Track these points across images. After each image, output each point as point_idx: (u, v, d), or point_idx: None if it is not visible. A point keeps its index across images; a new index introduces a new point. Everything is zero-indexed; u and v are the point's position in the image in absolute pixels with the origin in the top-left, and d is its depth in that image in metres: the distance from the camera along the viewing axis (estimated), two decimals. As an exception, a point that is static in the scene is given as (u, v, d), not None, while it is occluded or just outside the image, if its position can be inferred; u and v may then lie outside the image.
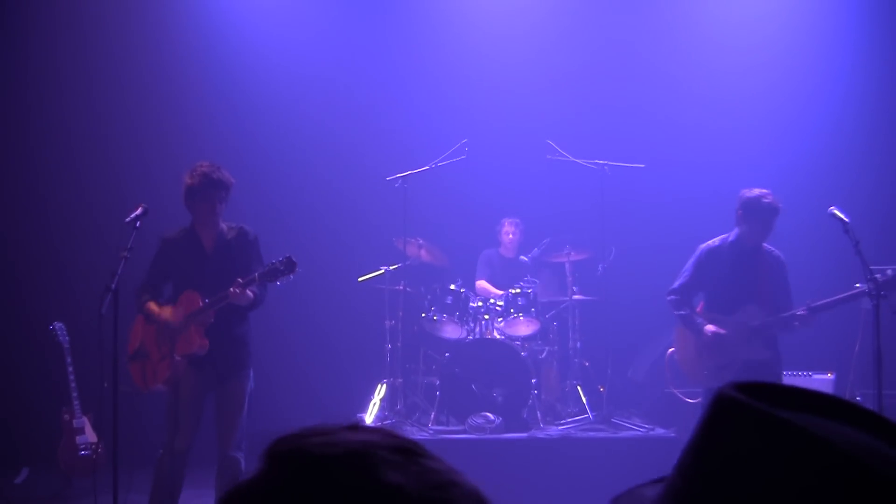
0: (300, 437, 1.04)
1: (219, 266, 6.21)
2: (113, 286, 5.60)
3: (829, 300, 6.48)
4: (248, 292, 6.10)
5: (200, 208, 6.16)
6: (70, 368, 7.96)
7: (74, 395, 8.00)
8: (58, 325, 8.07)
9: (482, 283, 9.63)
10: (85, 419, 8.08)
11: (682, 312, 6.95)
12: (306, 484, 0.98)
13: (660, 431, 8.43)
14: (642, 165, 9.04)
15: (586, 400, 8.82)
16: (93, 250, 8.78)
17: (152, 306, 6.22)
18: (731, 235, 6.85)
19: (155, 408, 6.53)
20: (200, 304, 6.08)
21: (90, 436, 8.05)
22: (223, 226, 6.33)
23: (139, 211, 5.99)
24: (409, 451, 1.03)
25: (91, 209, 9.53)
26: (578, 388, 9.00)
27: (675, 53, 10.20)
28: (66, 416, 8.06)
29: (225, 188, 6.20)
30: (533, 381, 8.65)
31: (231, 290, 5.94)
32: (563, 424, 8.66)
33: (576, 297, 9.22)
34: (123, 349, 6.13)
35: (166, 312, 6.16)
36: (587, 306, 9.37)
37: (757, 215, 6.61)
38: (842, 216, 6.25)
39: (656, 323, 9.94)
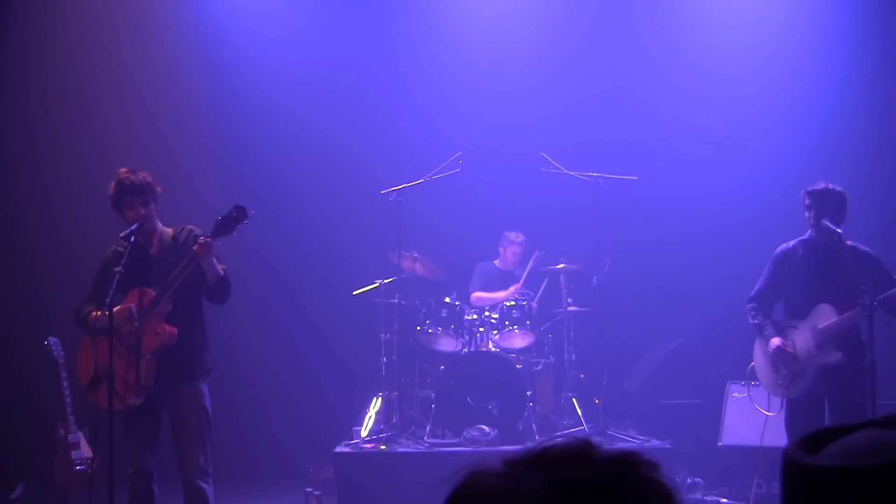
0: (479, 477, 1.08)
1: (165, 265, 5.90)
2: (108, 301, 5.56)
3: (891, 293, 6.16)
4: (216, 264, 5.82)
5: (128, 216, 5.92)
6: (65, 384, 7.94)
7: (69, 410, 7.98)
8: (53, 339, 8.05)
9: (478, 294, 9.62)
10: (80, 434, 8.06)
11: (756, 322, 6.68)
12: None
13: (655, 443, 8.43)
14: (636, 178, 9.06)
15: (582, 412, 8.81)
16: (88, 265, 8.76)
17: (96, 316, 5.86)
18: (805, 234, 6.59)
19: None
20: (153, 294, 5.82)
21: (86, 451, 8.03)
22: (167, 229, 6.11)
23: (134, 226, 5.83)
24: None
25: (86, 223, 9.52)
26: (574, 400, 8.99)
27: (670, 66, 10.21)
28: (62, 432, 8.05)
29: (143, 190, 5.93)
30: (528, 393, 8.65)
31: (198, 245, 5.68)
32: (558, 436, 8.63)
33: (571, 308, 9.23)
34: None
35: (118, 313, 5.77)
36: (582, 318, 9.38)
37: (825, 207, 6.33)
38: (833, 227, 6.25)
39: (651, 334, 9.99)
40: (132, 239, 5.82)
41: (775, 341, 6.50)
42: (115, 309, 5.68)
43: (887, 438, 1.10)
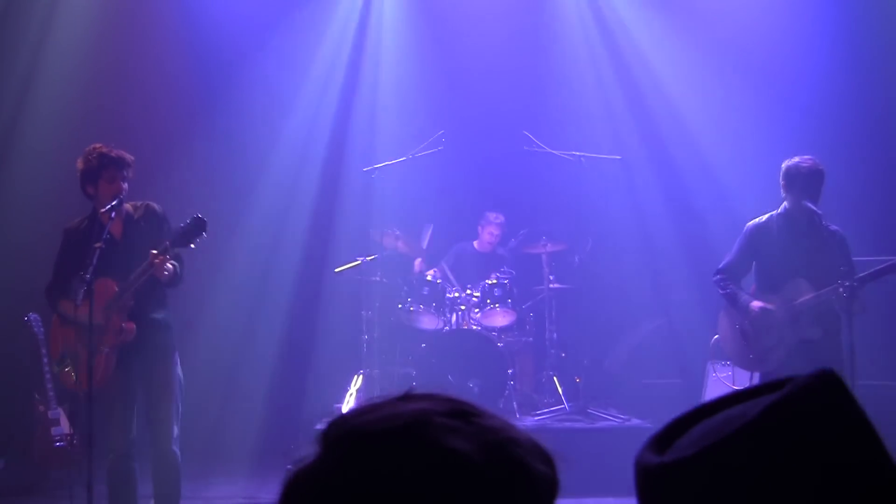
0: (354, 417, 1.03)
1: (130, 250, 5.88)
2: (88, 277, 5.53)
3: (869, 272, 6.12)
4: (168, 264, 5.75)
5: (105, 191, 5.85)
6: (45, 360, 7.90)
7: (49, 386, 7.95)
8: (33, 316, 8.01)
9: (418, 261, 9.65)
10: (60, 410, 8.04)
11: (727, 290, 6.58)
12: (367, 462, 0.98)
13: (636, 422, 8.45)
14: (618, 157, 9.07)
15: (562, 390, 8.83)
16: (61, 240, 8.71)
17: (67, 307, 5.85)
18: (780, 209, 6.48)
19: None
20: (116, 289, 5.80)
21: (65, 427, 8.01)
22: (127, 206, 6.04)
23: (114, 202, 5.80)
24: (465, 412, 1.04)
25: (65, 199, 9.46)
26: (555, 378, 9.02)
27: (652, 44, 10.21)
28: (41, 408, 8.02)
29: (128, 166, 5.92)
30: (509, 371, 8.67)
31: (152, 261, 5.63)
32: (539, 415, 8.68)
33: (553, 286, 9.23)
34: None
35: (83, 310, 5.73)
36: (564, 297, 9.39)
37: (798, 182, 6.27)
38: (814, 208, 6.24)
39: (632, 314, 10.02)
40: (113, 215, 5.80)
41: (756, 304, 6.40)
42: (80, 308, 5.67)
43: (731, 415, 1.04)
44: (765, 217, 6.57)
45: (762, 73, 10.02)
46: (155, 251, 5.68)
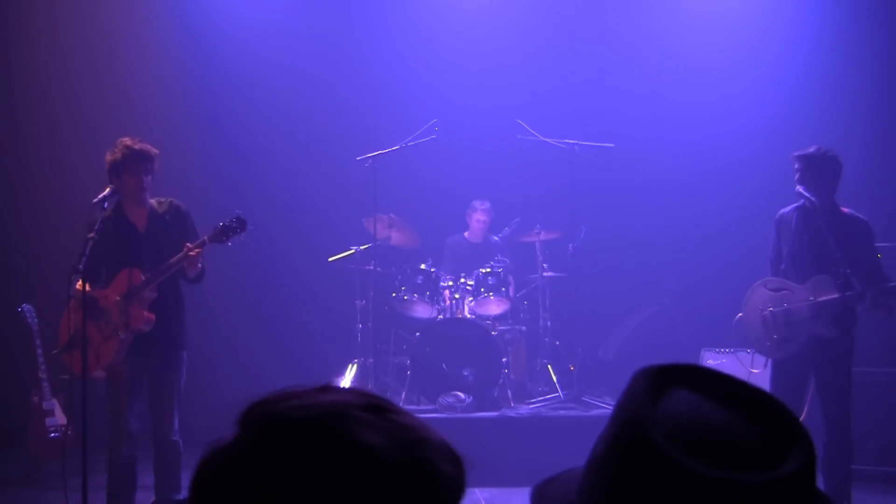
0: (273, 402, 1.05)
1: (154, 243, 6.06)
2: (81, 267, 5.54)
3: (890, 286, 6.06)
4: (200, 260, 5.95)
5: (128, 184, 5.97)
6: (39, 351, 7.90)
7: (44, 377, 7.95)
8: (26, 306, 8.01)
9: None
10: (55, 401, 8.03)
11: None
12: (281, 447, 1.00)
13: (630, 409, 8.45)
14: (612, 145, 9.06)
15: (557, 378, 8.85)
16: (61, 232, 8.72)
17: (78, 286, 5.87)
18: (801, 201, 6.33)
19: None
20: (143, 277, 5.93)
21: (60, 418, 8.01)
22: (153, 201, 6.17)
23: (107, 192, 5.85)
24: (381, 409, 1.05)
25: (59, 190, 9.45)
26: (549, 366, 9.03)
27: (646, 32, 10.21)
28: (36, 399, 8.02)
29: (150, 159, 6.03)
30: (503, 360, 8.68)
31: (186, 253, 5.79)
32: (533, 403, 8.69)
33: (546, 274, 9.24)
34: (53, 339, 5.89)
35: (107, 293, 5.97)
36: (558, 286, 9.40)
37: (814, 172, 6.20)
38: (808, 196, 6.22)
39: (627, 302, 10.03)
40: (105, 205, 5.89)
41: (740, 316, 6.55)
42: (105, 291, 5.90)
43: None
44: (788, 208, 6.52)
45: (757, 59, 10.03)
46: (190, 244, 5.84)
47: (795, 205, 6.44)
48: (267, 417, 1.03)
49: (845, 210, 6.32)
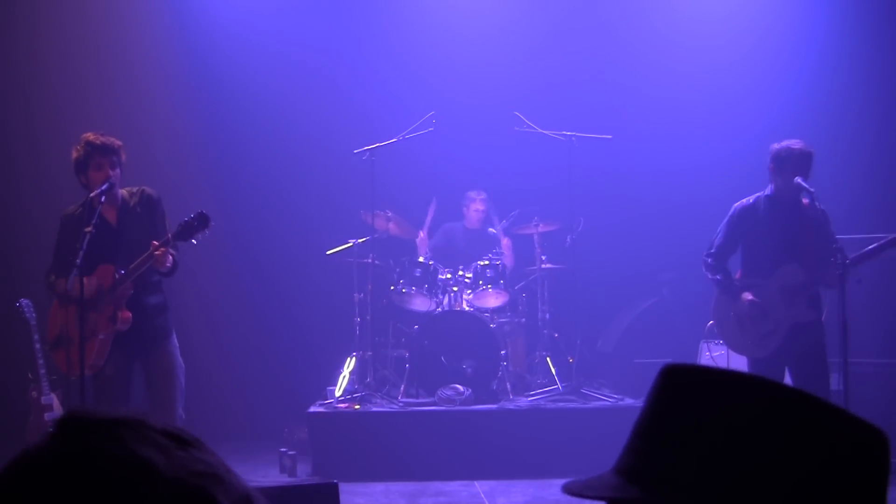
0: (91, 408, 1.05)
1: (127, 236, 5.98)
2: (78, 262, 5.52)
3: (865, 251, 6.15)
4: (169, 256, 5.82)
5: (95, 179, 5.89)
6: (37, 346, 7.89)
7: (42, 372, 7.94)
8: (24, 301, 8.00)
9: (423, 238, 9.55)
10: (53, 396, 8.02)
11: (718, 277, 6.57)
12: (71, 445, 0.98)
13: (629, 401, 8.47)
14: (609, 136, 9.05)
15: (555, 371, 8.84)
16: (58, 226, 8.69)
17: (60, 284, 5.91)
18: (767, 190, 6.46)
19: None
20: (116, 276, 5.85)
21: (58, 413, 7.99)
22: (123, 192, 6.10)
23: (104, 186, 5.83)
24: (184, 441, 1.04)
25: (56, 185, 9.43)
26: (548, 359, 9.02)
27: (643, 24, 10.20)
28: (34, 394, 8.00)
29: (115, 152, 5.94)
30: (502, 352, 8.68)
31: (152, 252, 5.67)
32: (532, 396, 8.69)
33: (545, 266, 9.22)
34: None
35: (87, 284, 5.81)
36: (556, 278, 9.39)
37: (788, 164, 6.25)
38: (807, 187, 6.22)
39: (625, 294, 10.03)
40: (103, 199, 5.84)
41: (748, 296, 6.40)
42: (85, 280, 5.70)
43: None
44: (752, 198, 6.55)
45: (756, 50, 10.01)
46: (156, 242, 5.72)
47: (759, 195, 6.50)
48: (73, 419, 1.02)
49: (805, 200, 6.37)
